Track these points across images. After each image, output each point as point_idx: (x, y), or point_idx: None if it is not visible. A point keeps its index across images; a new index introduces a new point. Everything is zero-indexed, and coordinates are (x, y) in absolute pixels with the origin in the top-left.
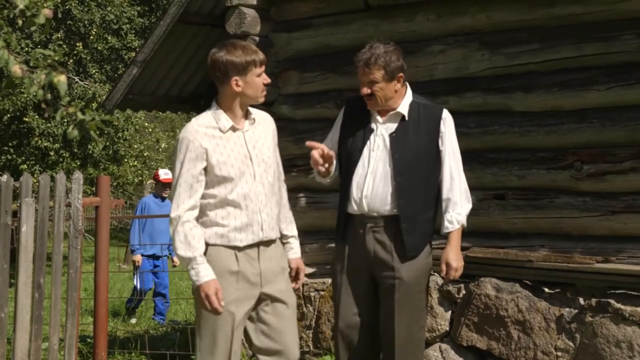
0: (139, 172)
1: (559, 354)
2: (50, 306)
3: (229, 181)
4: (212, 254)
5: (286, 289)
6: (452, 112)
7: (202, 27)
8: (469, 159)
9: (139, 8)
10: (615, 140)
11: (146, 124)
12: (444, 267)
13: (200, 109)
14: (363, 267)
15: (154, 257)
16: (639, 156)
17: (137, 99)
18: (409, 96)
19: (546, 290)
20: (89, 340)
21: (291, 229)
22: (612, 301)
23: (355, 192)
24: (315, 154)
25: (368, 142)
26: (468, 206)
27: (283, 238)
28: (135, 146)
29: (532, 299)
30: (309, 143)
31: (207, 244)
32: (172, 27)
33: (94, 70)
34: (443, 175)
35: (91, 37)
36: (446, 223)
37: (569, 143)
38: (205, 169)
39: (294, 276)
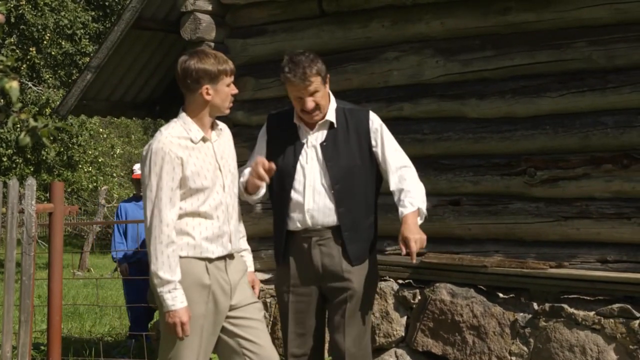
0: (94, 178)
1: (514, 358)
2: (2, 314)
3: (202, 192)
4: (183, 266)
5: (252, 293)
6: (407, 119)
7: (156, 33)
8: (424, 165)
9: (93, 13)
10: (568, 147)
11: (101, 130)
12: (402, 246)
13: (155, 115)
14: (310, 283)
15: (141, 263)
16: (592, 162)
17: (92, 105)
18: (333, 102)
19: (500, 295)
20: (42, 347)
21: (244, 242)
22: (565, 306)
23: (295, 207)
24: (260, 168)
25: (300, 156)
26: (420, 189)
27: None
28: (90, 152)
29: (487, 304)
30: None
31: (179, 256)
32: (127, 32)
33: (47, 76)
34: (388, 170)
35: (45, 42)
36: (400, 209)
37: (522, 149)
38: (182, 181)
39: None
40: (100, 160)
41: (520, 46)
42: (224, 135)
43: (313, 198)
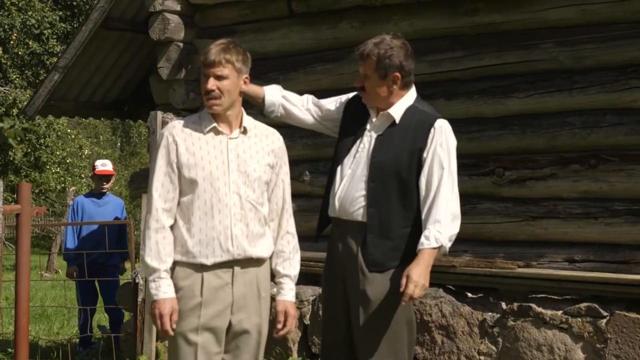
0: (62, 179)
1: (482, 358)
2: None
3: (196, 185)
4: (177, 274)
5: (259, 319)
6: None
7: (124, 33)
8: None
9: (60, 13)
10: (535, 147)
11: (69, 131)
12: (403, 281)
13: (123, 116)
14: (337, 274)
15: (96, 264)
16: (559, 162)
17: (59, 105)
18: (408, 100)
19: (469, 295)
20: (9, 350)
21: (287, 267)
22: (533, 305)
23: (332, 192)
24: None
25: (357, 142)
26: (452, 228)
27: (276, 276)
28: (58, 153)
29: (456, 303)
30: None
31: (174, 261)
32: (95, 32)
33: (14, 76)
34: (425, 188)
35: (12, 42)
36: (422, 239)
37: (490, 149)
38: (178, 168)
39: (282, 322)
40: (68, 161)
41: (489, 47)
42: (257, 139)
43: (347, 187)
